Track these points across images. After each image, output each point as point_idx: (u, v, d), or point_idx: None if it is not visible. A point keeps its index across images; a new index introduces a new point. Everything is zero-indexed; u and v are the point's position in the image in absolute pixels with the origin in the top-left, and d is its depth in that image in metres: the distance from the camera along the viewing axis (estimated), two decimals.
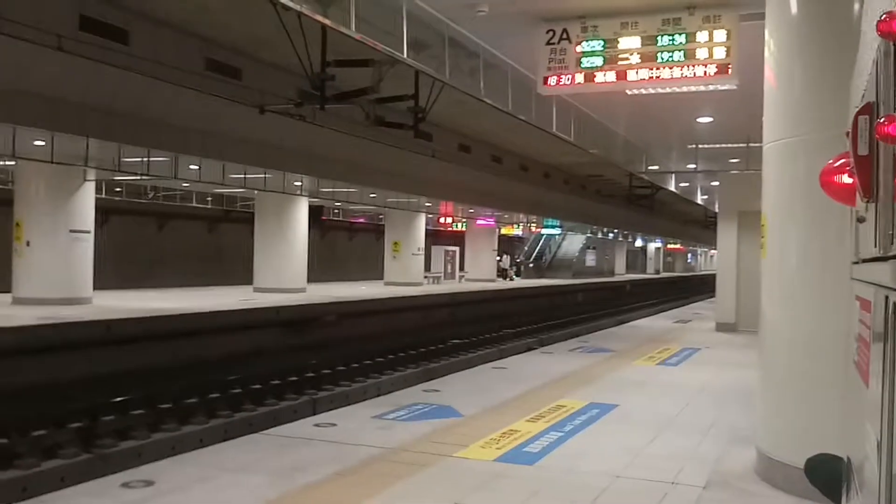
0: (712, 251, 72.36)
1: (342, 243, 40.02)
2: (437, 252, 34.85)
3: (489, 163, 24.00)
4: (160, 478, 4.89)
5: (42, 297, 15.62)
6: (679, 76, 8.00)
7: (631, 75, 8.20)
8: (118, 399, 11.08)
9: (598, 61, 8.26)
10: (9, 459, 8.74)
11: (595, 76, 8.33)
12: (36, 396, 11.22)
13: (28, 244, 15.92)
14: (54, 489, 5.06)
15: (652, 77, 8.10)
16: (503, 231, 40.45)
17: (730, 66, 7.67)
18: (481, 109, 13.05)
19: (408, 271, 29.10)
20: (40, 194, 15.98)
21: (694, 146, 16.91)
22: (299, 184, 21.87)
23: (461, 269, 36.37)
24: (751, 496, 4.86)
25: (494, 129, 20.72)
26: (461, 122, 19.71)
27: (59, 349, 12.53)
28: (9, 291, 16.52)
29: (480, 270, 35.69)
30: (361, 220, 38.92)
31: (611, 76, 8.27)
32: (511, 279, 39.21)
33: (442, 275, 33.46)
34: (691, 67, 7.84)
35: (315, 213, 25.72)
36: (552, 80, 8.48)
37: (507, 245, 44.15)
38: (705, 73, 7.80)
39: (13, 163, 16.48)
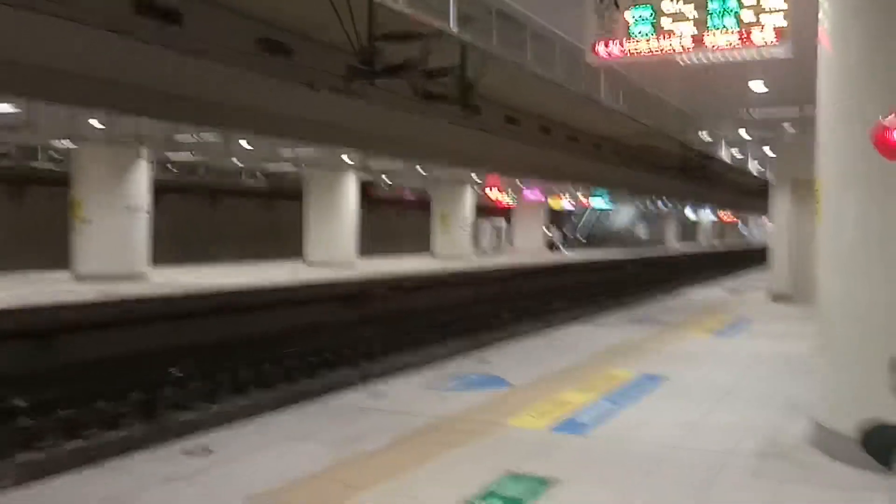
0: (767, 221, 70.93)
1: (391, 218, 40.17)
2: (485, 226, 34.81)
3: (538, 134, 23.82)
4: (219, 446, 5.04)
5: (101, 273, 16.03)
6: (732, 44, 7.84)
7: (681, 43, 8.06)
8: (177, 373, 11.38)
9: (648, 29, 8.13)
10: (74, 429, 9.07)
11: (645, 44, 8.21)
12: (99, 370, 11.56)
13: (87, 222, 16.32)
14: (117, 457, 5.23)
15: (703, 45, 7.96)
16: (552, 204, 40.18)
17: (785, 31, 7.49)
18: (529, 81, 12.97)
19: (456, 245, 29.15)
20: (98, 173, 16.35)
21: (746, 113, 16.59)
22: (348, 160, 22.01)
23: (510, 242, 36.30)
24: (808, 466, 4.82)
25: (543, 101, 20.52)
26: (509, 94, 19.54)
27: (120, 324, 12.86)
28: (67, 268, 16.98)
29: (529, 244, 35.57)
30: (410, 195, 39.01)
31: (661, 44, 8.15)
32: (561, 251, 39.02)
33: (490, 248, 33.44)
34: (744, 34, 7.68)
35: (364, 189, 25.86)
36: (601, 50, 8.39)
37: (555, 218, 43.88)
38: (759, 39, 7.63)
39: (71, 143, 16.89)
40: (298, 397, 10.52)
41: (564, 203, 41.14)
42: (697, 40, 7.97)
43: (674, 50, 8.09)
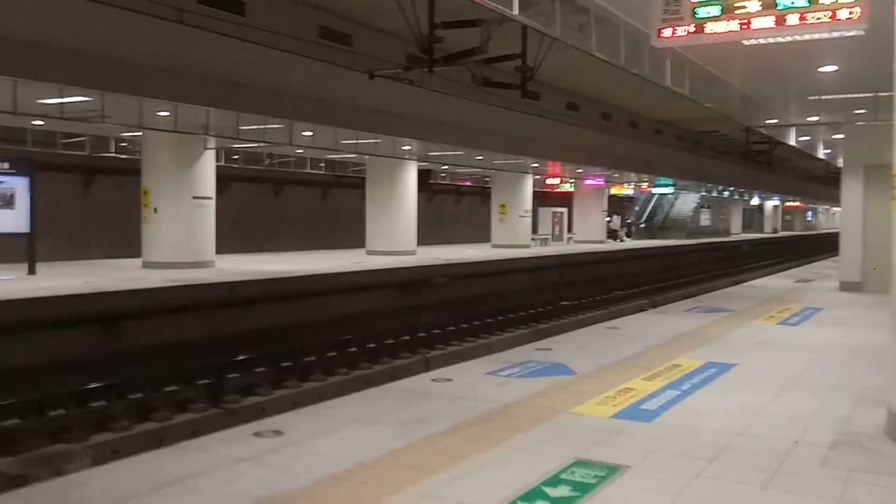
0: (834, 208, 69.17)
1: (450, 206, 40.26)
2: (545, 214, 34.56)
3: (598, 120, 23.60)
4: (289, 428, 5.13)
5: (169, 260, 16.40)
6: (802, 23, 7.62)
7: (749, 24, 7.87)
8: (242, 357, 11.61)
9: (715, 10, 7.95)
10: (145, 413, 9.33)
11: (711, 26, 8.04)
12: (167, 355, 11.85)
13: (156, 211, 16.70)
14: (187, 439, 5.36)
15: (772, 25, 7.75)
16: (613, 191, 39.71)
17: (858, 8, 7.26)
18: (590, 66, 12.85)
19: (515, 234, 29.01)
20: (165, 163, 16.70)
21: (815, 97, 16.12)
22: (408, 148, 22.09)
23: (570, 230, 36.01)
24: (882, 456, 4.70)
25: (604, 86, 20.34)
26: (569, 80, 19.42)
27: (188, 310, 13.15)
28: (136, 256, 17.40)
29: (589, 232, 35.23)
30: (468, 184, 39.00)
31: (728, 25, 7.97)
32: (621, 240, 38.58)
33: (550, 237, 33.24)
34: (816, 13, 7.47)
35: (423, 177, 25.91)
36: (666, 32, 8.25)
37: (616, 205, 43.37)
38: (831, 18, 7.41)
39: (140, 133, 17.30)
40: (363, 382, 10.71)
41: (626, 190, 40.70)
42: (767, 20, 7.77)
43: (742, 30, 7.90)
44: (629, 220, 44.49)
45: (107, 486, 4.12)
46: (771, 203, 63.79)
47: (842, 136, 17.38)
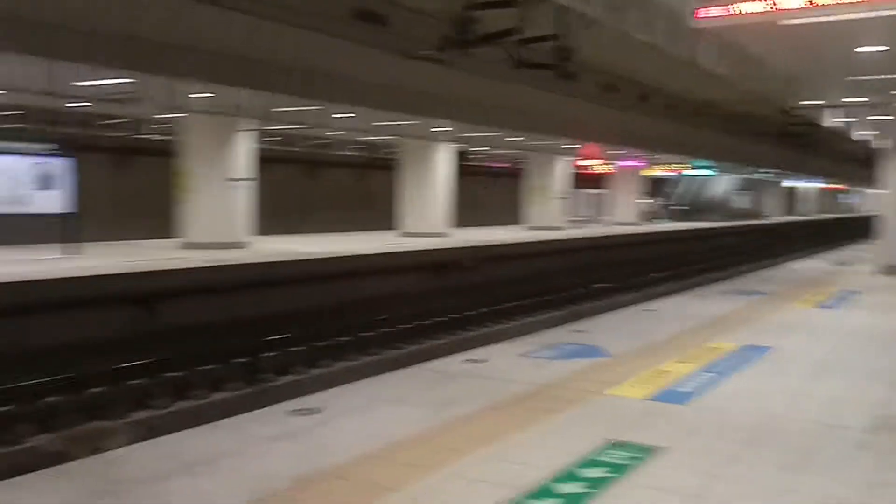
0: (875, 191, 67.66)
1: (483, 188, 40.11)
2: (580, 195, 34.34)
3: (636, 102, 23.32)
4: (323, 407, 5.18)
5: (204, 241, 16.55)
6: (839, 2, 7.47)
7: (787, 3, 7.73)
8: (278, 337, 11.71)
9: None
10: (182, 391, 9.48)
11: (747, 6, 7.92)
12: (204, 334, 11.99)
13: (193, 192, 16.85)
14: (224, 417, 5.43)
15: (810, 4, 7.61)
16: (649, 173, 39.29)
17: None
18: (629, 47, 12.70)
19: (550, 215, 28.89)
20: (201, 145, 16.83)
21: (857, 78, 15.79)
22: (442, 129, 22.05)
23: (605, 212, 35.75)
24: None
25: (642, 67, 20.08)
26: (607, 60, 19.20)
27: (225, 290, 13.27)
28: (168, 237, 17.53)
29: (625, 213, 34.98)
30: (503, 165, 38.81)
31: (763, 6, 7.84)
32: (666, 220, 38.14)
33: (585, 218, 33.05)
34: None
35: (457, 158, 25.87)
36: (704, 12, 8.14)
37: (653, 187, 42.93)
38: None
39: (176, 115, 17.45)
40: (397, 362, 10.77)
41: (662, 172, 40.23)
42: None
43: (778, 11, 7.78)
44: (666, 203, 44.01)
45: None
46: (809, 185, 62.66)
47: (886, 117, 17.03)
